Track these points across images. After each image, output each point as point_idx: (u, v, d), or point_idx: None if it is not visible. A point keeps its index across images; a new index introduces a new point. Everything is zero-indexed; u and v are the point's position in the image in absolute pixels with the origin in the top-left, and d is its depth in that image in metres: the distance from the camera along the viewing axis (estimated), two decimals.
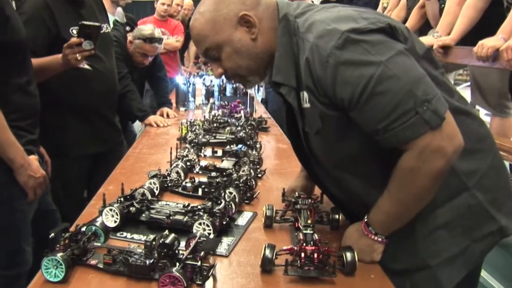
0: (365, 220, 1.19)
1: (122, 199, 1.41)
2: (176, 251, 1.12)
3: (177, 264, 1.07)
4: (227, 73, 1.24)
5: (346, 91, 1.05)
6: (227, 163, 1.93)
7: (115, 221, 1.35)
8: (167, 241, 1.11)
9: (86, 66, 2.14)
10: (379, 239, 1.18)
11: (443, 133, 1.04)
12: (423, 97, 1.03)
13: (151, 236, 1.12)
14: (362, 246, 1.19)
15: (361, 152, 1.16)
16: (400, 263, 1.22)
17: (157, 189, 1.63)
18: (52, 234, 1.11)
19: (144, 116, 3.01)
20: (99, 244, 1.21)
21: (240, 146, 2.15)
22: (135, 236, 1.34)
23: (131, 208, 1.40)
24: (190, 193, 1.68)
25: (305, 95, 1.13)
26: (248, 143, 2.27)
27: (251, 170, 1.78)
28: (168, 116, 3.22)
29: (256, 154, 2.05)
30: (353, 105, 1.06)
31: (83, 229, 1.21)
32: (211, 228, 1.31)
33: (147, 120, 3.00)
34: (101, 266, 1.14)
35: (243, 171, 1.78)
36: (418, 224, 1.19)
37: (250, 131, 2.48)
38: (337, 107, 1.10)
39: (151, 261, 1.10)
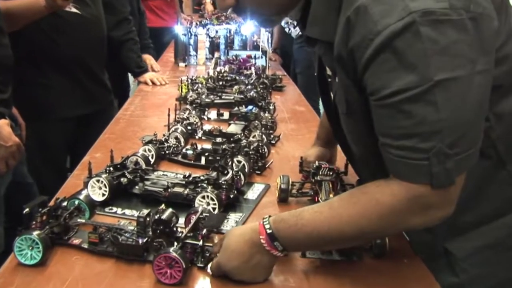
0: (268, 231, 1.02)
1: (111, 168, 1.41)
2: (174, 229, 1.12)
3: (175, 243, 1.07)
4: (238, 5, 1.08)
5: (373, 83, 0.93)
6: (235, 127, 1.93)
7: (103, 194, 1.36)
8: (164, 216, 1.10)
9: (74, 10, 2.10)
10: (281, 255, 1.05)
11: (444, 195, 0.94)
12: (447, 149, 0.90)
13: (145, 211, 1.12)
14: (257, 265, 1.05)
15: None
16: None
17: (152, 157, 1.63)
18: (27, 210, 1.11)
19: (141, 73, 3.00)
20: (83, 221, 1.20)
21: (250, 107, 2.14)
22: (127, 211, 1.34)
23: (122, 179, 1.39)
24: (192, 161, 1.68)
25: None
26: (260, 104, 2.26)
27: (263, 136, 1.78)
28: (153, 69, 3.20)
29: (269, 117, 2.05)
30: (371, 99, 0.95)
31: (64, 203, 1.21)
32: (216, 202, 1.31)
33: (141, 77, 2.98)
34: (85, 246, 1.14)
35: (254, 136, 1.77)
36: (459, 241, 1.12)
37: (262, 91, 2.47)
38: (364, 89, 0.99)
39: (145, 240, 1.10)
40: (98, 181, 1.36)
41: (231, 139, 1.73)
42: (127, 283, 1.05)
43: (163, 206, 1.14)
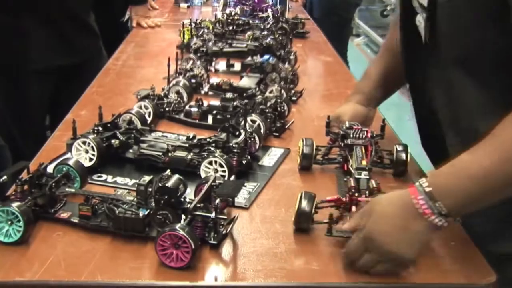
0: (426, 189, 0.99)
1: (100, 128, 1.42)
2: (182, 199, 1.12)
3: (183, 217, 1.08)
4: None
5: None
6: (248, 81, 1.92)
7: (91, 159, 1.36)
8: (169, 184, 1.10)
9: None
10: (440, 223, 0.99)
11: None
12: None
13: (146, 178, 1.12)
14: (412, 233, 1.01)
15: (498, 54, 1.08)
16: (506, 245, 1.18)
17: (149, 115, 1.64)
18: (4, 177, 1.11)
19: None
20: (72, 190, 1.20)
21: (266, 57, 2.12)
22: (119, 179, 1.35)
23: (113, 141, 1.40)
24: (196, 121, 1.69)
25: None
26: (278, 53, 2.24)
27: (282, 91, 1.77)
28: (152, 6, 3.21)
29: (289, 69, 2.03)
30: None
31: (50, 169, 1.21)
32: (225, 169, 1.31)
33: (134, 19, 2.98)
34: (75, 220, 1.14)
35: (271, 92, 1.77)
36: None
37: (280, 37, 2.44)
38: None
39: (146, 212, 1.10)
40: (84, 143, 1.36)
41: (244, 94, 1.72)
42: (120, 265, 1.05)
43: (168, 171, 1.14)
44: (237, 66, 2.18)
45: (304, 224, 1.15)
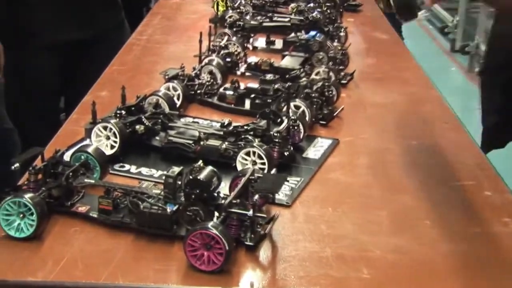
0: None
1: (123, 111, 1.43)
2: (215, 194, 1.13)
3: (216, 214, 1.08)
4: None
5: None
6: (291, 61, 1.92)
7: (112, 146, 1.38)
8: (201, 176, 1.10)
9: None
10: None
11: None
12: None
13: (175, 169, 1.12)
14: None
15: None
16: None
17: (178, 98, 1.64)
18: (16, 165, 1.12)
19: None
20: (92, 181, 1.21)
21: (312, 33, 2.11)
22: (144, 170, 1.36)
23: (137, 127, 1.41)
24: (232, 105, 1.69)
25: None
26: (326, 29, 2.22)
27: (331, 73, 1.76)
28: None
29: (339, 48, 2.02)
30: None
31: (67, 157, 1.22)
32: (265, 161, 1.31)
33: None
34: (94, 215, 1.15)
35: (318, 73, 1.75)
36: None
37: (329, 10, 2.41)
38: None
39: (175, 207, 1.10)
40: (105, 128, 1.37)
41: (286, 76, 1.72)
42: (144, 266, 1.06)
43: (200, 162, 1.14)
44: (279, 43, 2.17)
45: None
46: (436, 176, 1.38)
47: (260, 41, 2.21)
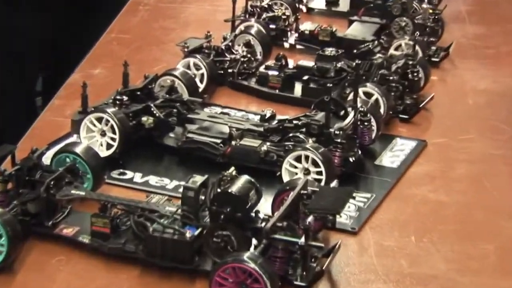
0: None
1: (124, 97, 1.26)
2: (253, 213, 1.07)
3: (254, 241, 1.03)
4: None
5: None
6: (361, 29, 1.79)
7: (109, 145, 1.23)
8: (233, 189, 1.04)
9: None
10: None
11: None
12: None
13: (197, 179, 1.04)
14: None
15: None
16: None
17: (202, 80, 1.50)
18: None
19: None
20: (82, 193, 1.14)
21: None
22: (153, 179, 1.23)
23: (144, 119, 1.30)
24: (276, 91, 1.53)
25: None
26: None
27: (417, 47, 1.57)
28: None
29: (430, 11, 1.82)
30: None
31: (47, 159, 1.08)
32: (322, 169, 1.21)
33: None
34: (85, 240, 1.10)
35: (399, 47, 1.62)
36: None
37: None
38: None
39: (197, 232, 1.04)
40: (99, 120, 1.21)
41: (354, 51, 1.57)
42: None
43: (232, 170, 1.08)
44: (344, 3, 2.00)
45: None
46: None
47: (318, 1, 2.06)
